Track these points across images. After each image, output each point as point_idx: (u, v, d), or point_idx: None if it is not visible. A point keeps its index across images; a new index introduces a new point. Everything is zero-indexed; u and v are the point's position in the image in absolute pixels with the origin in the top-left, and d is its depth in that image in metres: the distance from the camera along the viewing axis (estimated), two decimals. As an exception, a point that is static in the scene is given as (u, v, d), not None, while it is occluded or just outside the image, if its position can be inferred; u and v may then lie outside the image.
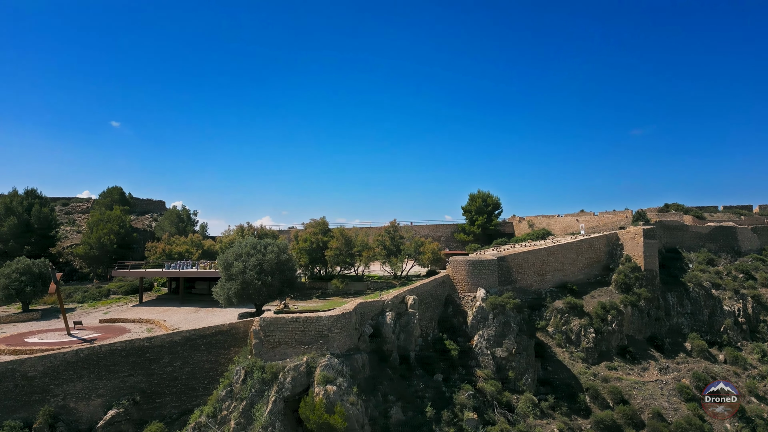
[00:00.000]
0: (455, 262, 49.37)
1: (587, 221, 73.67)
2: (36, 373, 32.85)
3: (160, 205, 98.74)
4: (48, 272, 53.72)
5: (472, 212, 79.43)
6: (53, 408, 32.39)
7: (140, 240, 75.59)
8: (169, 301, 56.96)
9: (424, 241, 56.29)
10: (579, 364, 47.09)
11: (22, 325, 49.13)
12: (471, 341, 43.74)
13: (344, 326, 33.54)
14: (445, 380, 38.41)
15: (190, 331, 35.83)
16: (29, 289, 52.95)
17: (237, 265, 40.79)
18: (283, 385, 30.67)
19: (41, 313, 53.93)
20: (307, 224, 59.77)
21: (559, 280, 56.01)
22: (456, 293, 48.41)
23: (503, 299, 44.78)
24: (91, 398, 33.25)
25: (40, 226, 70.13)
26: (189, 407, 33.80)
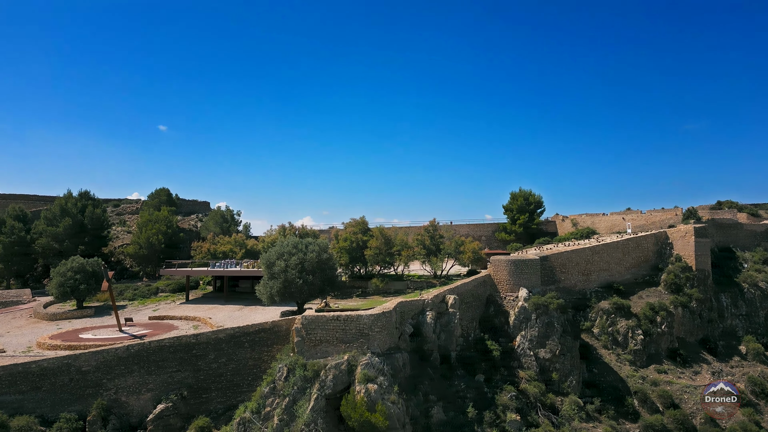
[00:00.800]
0: (496, 262, 48.71)
1: (634, 220, 71.39)
2: (90, 368, 34.24)
3: (205, 205, 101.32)
4: (101, 271, 55.90)
5: (513, 211, 78.15)
6: (106, 401, 33.69)
7: (186, 240, 77.80)
8: (214, 299, 58.42)
9: (464, 240, 55.78)
10: (626, 367, 45.66)
11: (77, 322, 51.37)
12: (513, 342, 43.06)
13: (384, 325, 33.58)
14: (486, 381, 37.96)
15: (234, 328, 36.64)
16: (83, 287, 55.27)
17: (279, 264, 41.44)
18: (324, 382, 30.96)
19: (94, 310, 56.26)
20: (346, 224, 60.18)
21: (604, 280, 54.49)
22: (497, 293, 47.76)
23: (546, 299, 43.88)
24: (142, 392, 34.42)
25: (93, 226, 73.09)
26: (234, 403, 34.57)
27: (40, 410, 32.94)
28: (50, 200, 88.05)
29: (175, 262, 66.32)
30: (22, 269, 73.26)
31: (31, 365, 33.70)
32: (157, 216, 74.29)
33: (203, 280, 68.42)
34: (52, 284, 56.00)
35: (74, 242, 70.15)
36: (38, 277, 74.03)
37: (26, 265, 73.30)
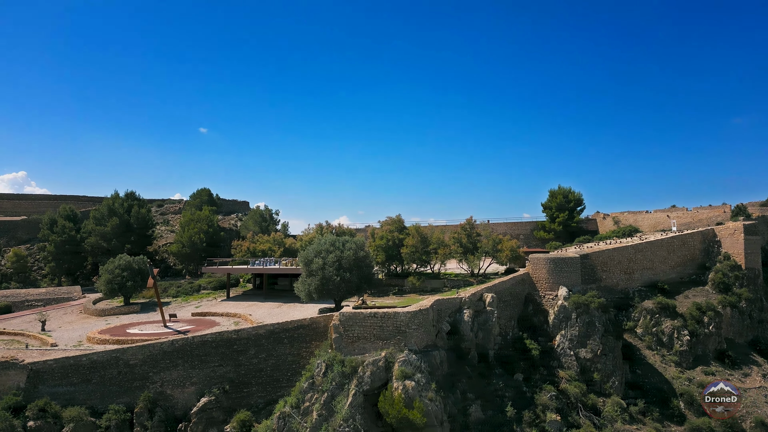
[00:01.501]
0: (535, 260, 48.01)
1: (679, 217, 69.09)
2: (137, 362, 35.49)
3: (244, 205, 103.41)
4: (146, 268, 57.83)
5: (552, 209, 76.79)
6: (152, 394, 34.87)
7: (227, 238, 79.61)
8: (254, 297, 59.58)
9: (502, 239, 55.16)
10: (672, 368, 44.29)
11: (124, 317, 53.30)
12: (553, 341, 42.38)
13: (421, 323, 33.59)
14: (525, 380, 37.51)
15: (273, 324, 37.33)
16: (130, 284, 57.30)
17: (317, 262, 41.95)
18: (362, 379, 31.20)
19: (140, 306, 58.23)
20: (383, 222, 60.36)
21: (648, 279, 52.97)
22: (536, 292, 47.08)
23: (587, 298, 42.99)
24: (186, 386, 35.46)
25: (138, 225, 75.66)
26: (274, 397, 35.21)
27: (91, 402, 34.35)
28: (98, 201, 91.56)
29: (216, 260, 68.01)
30: (73, 267, 76.47)
31: (81, 358, 35.18)
32: (198, 215, 76.31)
33: (243, 278, 69.86)
34: (101, 281, 58.32)
35: (121, 241, 72.74)
36: (88, 275, 77.10)
37: (76, 263, 76.48)
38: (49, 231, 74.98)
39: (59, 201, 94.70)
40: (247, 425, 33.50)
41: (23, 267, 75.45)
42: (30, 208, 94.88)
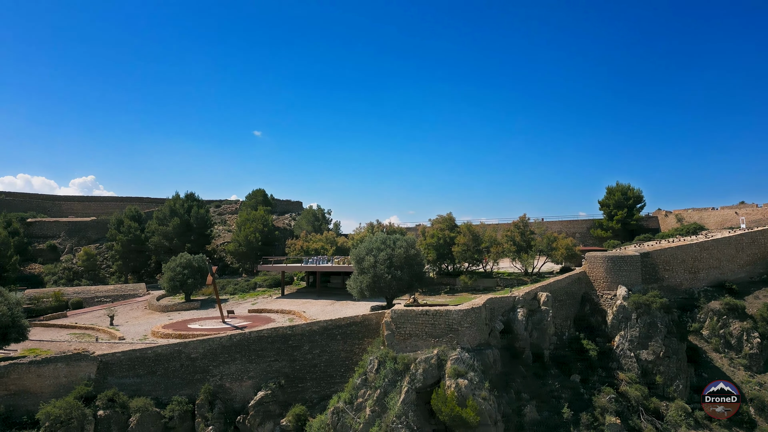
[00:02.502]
0: (592, 258, 46.59)
1: (749, 214, 65.22)
2: (198, 355, 36.90)
3: (297, 205, 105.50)
4: (205, 266, 60.07)
5: (610, 206, 74.19)
6: (212, 387, 36.13)
7: (281, 237, 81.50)
8: (308, 294, 60.75)
9: (557, 237, 53.85)
10: (741, 372, 41.93)
11: (186, 313, 55.54)
12: (611, 342, 41.01)
13: (474, 321, 33.28)
14: (582, 381, 36.49)
15: (327, 321, 37.96)
16: (190, 281, 59.67)
17: (368, 260, 42.32)
18: (414, 376, 31.24)
19: (200, 302, 60.53)
20: (433, 220, 60.16)
21: (714, 278, 50.33)
22: (593, 291, 45.69)
23: (648, 298, 41.33)
24: (243, 380, 36.58)
25: (198, 225, 78.65)
26: (328, 393, 35.81)
27: (155, 393, 35.93)
28: (161, 202, 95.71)
29: (271, 258, 69.74)
30: (138, 265, 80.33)
31: (147, 351, 36.89)
32: (254, 215, 78.50)
33: (297, 276, 71.35)
34: (164, 279, 61.03)
35: (182, 240, 75.80)
36: (151, 273, 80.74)
37: (141, 261, 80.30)
38: (116, 231, 79.10)
39: (125, 202, 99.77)
40: (302, 419, 34.23)
41: (93, 265, 79.89)
42: (99, 209, 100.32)
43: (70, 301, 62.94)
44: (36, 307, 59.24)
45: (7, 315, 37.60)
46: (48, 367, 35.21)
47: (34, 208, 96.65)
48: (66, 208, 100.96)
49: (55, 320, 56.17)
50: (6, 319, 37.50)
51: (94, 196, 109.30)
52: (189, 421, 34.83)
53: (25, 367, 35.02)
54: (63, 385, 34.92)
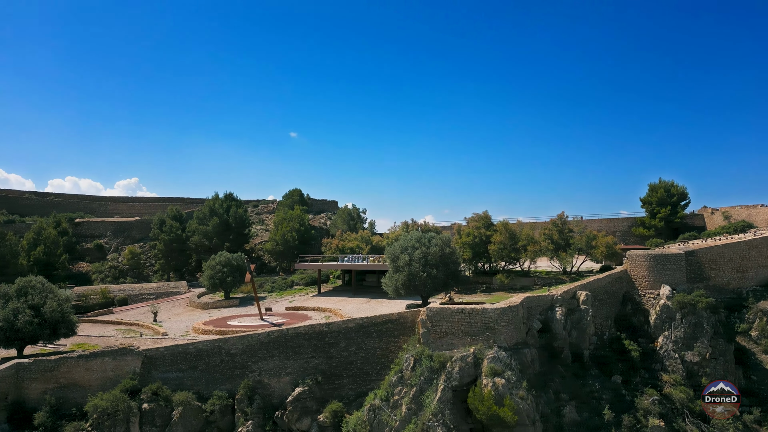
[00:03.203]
0: (634, 257, 45.36)
1: (802, 210, 62.22)
2: (237, 351, 37.67)
3: (333, 204, 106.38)
4: (244, 265, 61.26)
5: (652, 204, 71.99)
6: (251, 382, 36.81)
7: (317, 236, 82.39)
8: (343, 292, 61.22)
9: (596, 235, 52.63)
10: (794, 376, 40.05)
11: (225, 310, 56.81)
12: (654, 343, 39.84)
13: (511, 319, 32.87)
14: (624, 382, 35.58)
15: (362, 318, 38.17)
16: (230, 279, 60.99)
17: (403, 258, 42.32)
18: (450, 374, 31.09)
19: (239, 300, 61.80)
20: (469, 219, 59.64)
21: (764, 277, 48.17)
22: (635, 290, 44.47)
23: (693, 297, 39.97)
24: (281, 376, 37.16)
25: (236, 225, 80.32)
26: (364, 390, 36.00)
27: (197, 387, 36.89)
28: (200, 202, 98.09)
29: (308, 257, 70.57)
30: (179, 264, 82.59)
31: (189, 347, 37.89)
32: (290, 215, 79.61)
33: (333, 274, 71.96)
34: (204, 277, 62.58)
35: (221, 239, 77.56)
36: (192, 271, 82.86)
37: (182, 260, 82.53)
38: (158, 230, 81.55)
39: (167, 203, 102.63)
40: (339, 416, 34.52)
41: (137, 263, 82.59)
42: (142, 209, 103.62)
43: (116, 298, 65.27)
44: (84, 303, 61.68)
45: (57, 311, 39.30)
46: (95, 361, 36.58)
47: (81, 208, 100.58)
48: (112, 208, 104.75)
49: (101, 316, 58.32)
50: (56, 315, 39.20)
51: (138, 197, 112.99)
52: (229, 415, 35.62)
53: (74, 360, 36.47)
54: (110, 378, 36.23)
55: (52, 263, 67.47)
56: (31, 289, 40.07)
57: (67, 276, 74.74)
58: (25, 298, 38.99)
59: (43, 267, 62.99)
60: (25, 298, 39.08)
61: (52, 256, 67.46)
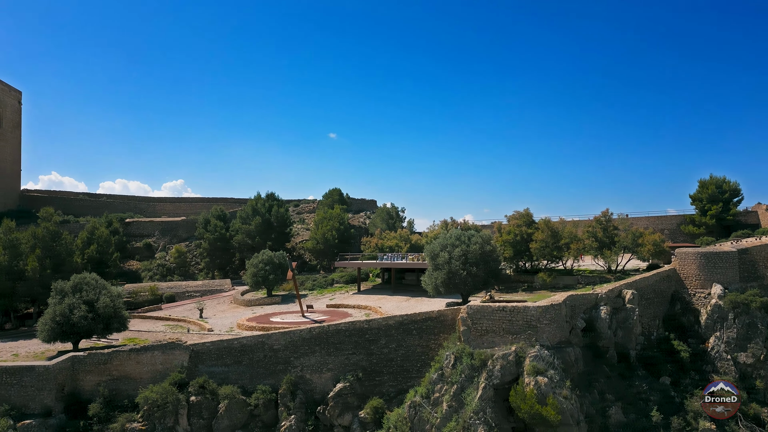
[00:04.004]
0: (683, 255, 43.85)
1: None
2: (280, 347, 38.41)
3: (372, 203, 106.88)
4: (286, 263, 62.37)
5: (702, 201, 69.23)
6: (293, 377, 37.50)
7: (356, 235, 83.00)
8: (383, 290, 61.47)
9: (643, 232, 51.07)
10: None
11: (268, 307, 57.96)
12: (705, 343, 38.42)
13: (554, 318, 32.33)
14: (673, 384, 34.51)
15: (402, 316, 38.28)
16: (272, 277, 62.19)
17: (443, 256, 42.21)
18: (492, 372, 30.84)
19: (281, 297, 62.93)
20: (510, 216, 58.87)
21: (825, 276, 45.68)
22: (684, 289, 42.98)
23: (747, 297, 38.34)
24: (323, 371, 37.67)
25: (278, 224, 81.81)
26: (404, 387, 36.11)
27: (241, 381, 37.80)
28: (243, 202, 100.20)
29: (347, 255, 71.18)
30: (223, 262, 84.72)
31: (233, 342, 38.88)
32: (330, 214, 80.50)
33: (372, 273, 72.33)
34: (247, 275, 64.03)
35: (263, 238, 79.14)
36: (236, 269, 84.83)
37: (226, 258, 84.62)
38: (203, 230, 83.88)
39: (211, 203, 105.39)
40: (380, 412, 34.75)
41: (183, 262, 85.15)
42: (188, 209, 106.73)
43: (164, 295, 67.53)
44: (134, 300, 64.12)
45: (109, 307, 41.04)
46: (146, 355, 37.98)
47: (131, 209, 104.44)
48: (159, 208, 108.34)
49: (150, 312, 60.53)
50: (109, 311, 40.93)
51: (184, 198, 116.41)
52: (273, 409, 36.36)
53: (126, 354, 37.98)
54: (159, 371, 37.55)
55: (105, 261, 70.23)
56: (86, 285, 41.94)
57: (119, 274, 77.74)
58: (80, 294, 40.85)
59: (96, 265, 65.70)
60: (80, 294, 40.94)
61: (104, 255, 70.23)
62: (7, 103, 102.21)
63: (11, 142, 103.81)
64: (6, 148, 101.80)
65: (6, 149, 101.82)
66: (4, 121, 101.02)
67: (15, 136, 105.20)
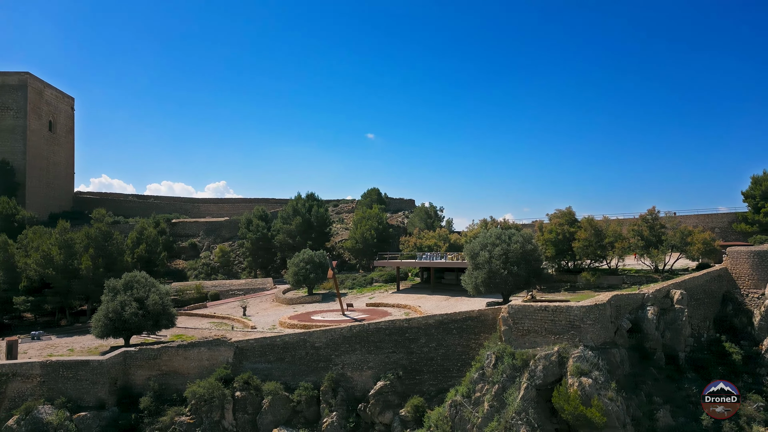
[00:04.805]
0: (736, 254, 42.17)
1: None
2: (321, 344, 38.95)
3: (410, 203, 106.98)
4: (326, 262, 63.18)
5: (756, 198, 66.18)
6: (335, 375, 37.94)
7: (395, 235, 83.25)
8: (422, 290, 61.46)
9: (692, 231, 49.33)
10: None
11: (309, 306, 58.86)
12: (759, 346, 36.80)
13: (598, 318, 31.66)
14: (725, 387, 33.13)
15: (442, 315, 38.21)
16: (312, 276, 63.15)
17: (483, 255, 41.89)
18: (534, 372, 30.46)
19: (322, 296, 63.79)
20: (551, 215, 57.85)
21: None
22: (737, 289, 41.33)
23: (805, 298, 36.55)
24: (363, 369, 38.01)
25: (318, 224, 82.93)
26: (444, 386, 36.02)
27: (284, 378, 38.51)
28: (284, 202, 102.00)
29: (386, 254, 71.48)
30: (265, 261, 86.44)
31: (276, 339, 39.67)
32: (369, 213, 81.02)
33: (411, 272, 72.38)
34: (288, 273, 65.25)
35: (304, 237, 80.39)
36: (277, 268, 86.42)
37: (268, 257, 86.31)
38: (246, 230, 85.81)
39: (252, 203, 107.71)
40: (420, 411, 34.80)
41: (227, 261, 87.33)
42: (231, 210, 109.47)
43: (209, 293, 69.47)
44: (181, 298, 66.24)
45: (158, 304, 42.58)
46: (193, 351, 39.19)
47: (177, 210, 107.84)
48: (203, 209, 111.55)
49: (196, 310, 62.40)
50: (158, 308, 42.47)
51: (226, 198, 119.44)
52: (314, 406, 36.93)
53: (174, 350, 39.28)
54: (205, 367, 38.68)
55: (153, 260, 72.76)
56: (136, 283, 43.64)
57: (166, 272, 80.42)
58: (131, 292, 42.54)
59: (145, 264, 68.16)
60: (131, 291, 42.63)
61: (152, 254, 72.75)
62: (60, 110, 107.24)
63: (65, 146, 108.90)
64: (60, 153, 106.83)
65: (60, 153, 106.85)
66: (58, 126, 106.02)
67: (68, 140, 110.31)
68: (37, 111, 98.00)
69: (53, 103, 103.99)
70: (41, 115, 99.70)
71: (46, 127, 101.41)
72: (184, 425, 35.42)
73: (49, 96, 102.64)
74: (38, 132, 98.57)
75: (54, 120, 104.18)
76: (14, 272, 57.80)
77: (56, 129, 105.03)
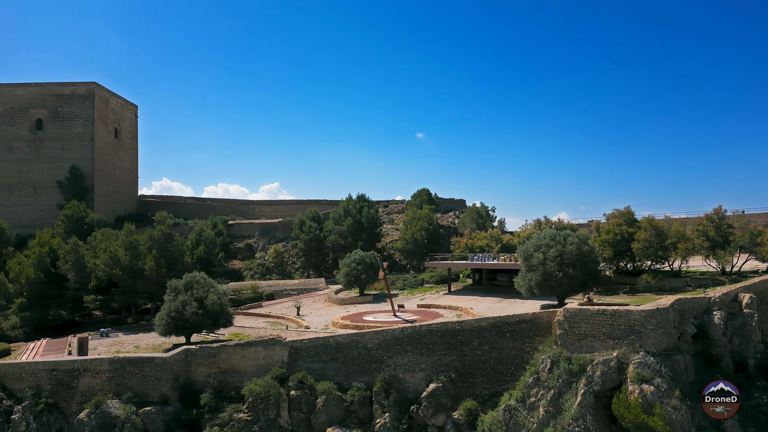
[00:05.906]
0: (811, 255, 39.51)
1: None
2: (373, 345, 39.26)
3: (461, 203, 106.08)
4: (377, 263, 63.60)
5: (834, 193, 62.01)
6: (387, 376, 38.16)
7: (445, 235, 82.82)
8: (474, 291, 60.86)
9: (762, 230, 46.59)
10: None
11: (360, 306, 59.44)
12: (840, 354, 34.38)
13: (660, 323, 30.40)
14: (800, 397, 31.16)
15: (495, 317, 37.72)
16: (364, 276, 63.75)
17: (537, 257, 41.04)
18: (591, 378, 29.61)
19: (373, 297, 64.26)
20: (609, 215, 56.00)
21: None
22: (813, 293, 38.69)
23: None
24: (415, 371, 38.05)
25: (368, 224, 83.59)
26: (498, 390, 35.56)
27: (337, 378, 39.05)
28: (335, 204, 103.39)
29: (437, 255, 71.22)
30: (317, 261, 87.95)
31: (329, 339, 40.30)
32: (419, 214, 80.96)
33: (463, 273, 71.79)
34: (340, 274, 66.12)
35: (355, 238, 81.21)
36: (329, 268, 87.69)
37: (320, 258, 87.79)
38: (299, 231, 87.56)
39: (305, 205, 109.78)
40: (474, 414, 34.51)
41: (281, 261, 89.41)
42: (284, 211, 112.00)
43: (264, 293, 71.37)
44: (238, 297, 68.36)
45: (217, 303, 44.11)
46: (250, 350, 40.37)
47: (233, 211, 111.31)
48: (258, 211, 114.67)
49: (252, 309, 64.23)
50: (216, 307, 44.00)
51: (280, 200, 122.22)
52: (367, 406, 37.28)
53: (232, 348, 40.59)
54: (261, 366, 39.76)
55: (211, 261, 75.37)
56: (196, 284, 45.36)
57: (223, 273, 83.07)
58: (191, 292, 44.25)
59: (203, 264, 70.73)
60: (191, 291, 44.35)
61: (211, 255, 75.35)
62: (125, 117, 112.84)
63: (130, 152, 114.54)
64: (125, 158, 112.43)
65: (125, 158, 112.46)
66: (123, 133, 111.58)
67: (133, 146, 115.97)
68: (103, 119, 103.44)
69: (118, 111, 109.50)
70: (107, 122, 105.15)
71: (112, 134, 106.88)
72: (242, 422, 36.55)
73: (115, 104, 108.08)
74: (105, 139, 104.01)
75: (119, 127, 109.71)
76: (84, 272, 61.20)
77: (121, 135, 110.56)
